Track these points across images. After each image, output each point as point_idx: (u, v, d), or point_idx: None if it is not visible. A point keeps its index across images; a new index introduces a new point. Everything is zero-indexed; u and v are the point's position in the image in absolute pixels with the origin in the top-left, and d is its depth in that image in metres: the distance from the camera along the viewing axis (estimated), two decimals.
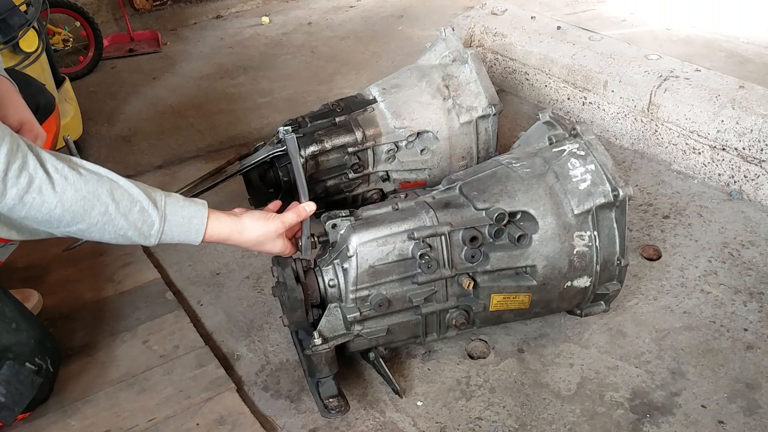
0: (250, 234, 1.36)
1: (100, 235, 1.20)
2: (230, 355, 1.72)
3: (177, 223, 1.25)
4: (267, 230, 1.37)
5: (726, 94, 2.19)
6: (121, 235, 1.20)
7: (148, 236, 1.23)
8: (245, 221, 1.35)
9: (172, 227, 1.25)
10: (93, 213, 1.16)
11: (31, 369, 1.42)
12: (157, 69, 3.64)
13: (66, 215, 1.14)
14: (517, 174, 1.53)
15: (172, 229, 1.25)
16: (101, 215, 1.17)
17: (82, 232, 1.18)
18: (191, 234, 1.28)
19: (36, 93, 1.66)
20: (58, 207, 1.13)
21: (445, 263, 1.47)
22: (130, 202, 1.20)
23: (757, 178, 2.11)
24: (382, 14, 4.24)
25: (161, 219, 1.23)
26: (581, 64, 2.60)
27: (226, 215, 1.34)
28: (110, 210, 1.17)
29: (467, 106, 2.05)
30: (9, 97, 1.46)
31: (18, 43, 2.20)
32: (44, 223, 1.15)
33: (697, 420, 1.45)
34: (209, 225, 1.29)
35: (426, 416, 1.50)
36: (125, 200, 1.19)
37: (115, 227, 1.19)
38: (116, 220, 1.18)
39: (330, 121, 2.04)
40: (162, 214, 1.23)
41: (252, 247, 1.40)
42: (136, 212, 1.20)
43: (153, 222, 1.22)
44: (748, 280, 1.83)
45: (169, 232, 1.25)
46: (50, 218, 1.14)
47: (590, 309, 1.65)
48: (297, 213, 1.43)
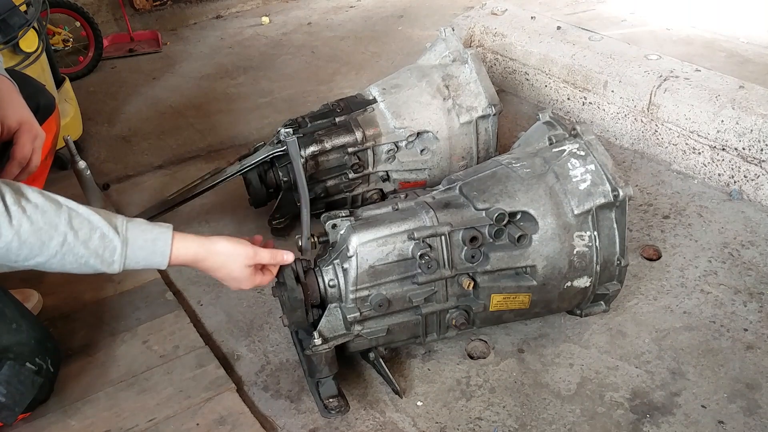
0: (219, 254, 1.30)
1: (61, 265, 1.16)
2: (230, 355, 1.72)
3: (140, 247, 1.22)
4: (237, 252, 1.31)
5: (726, 94, 2.19)
6: (82, 263, 1.17)
7: (111, 263, 1.19)
8: (215, 240, 1.30)
9: (135, 251, 1.21)
10: (51, 244, 1.13)
11: (32, 369, 1.42)
12: (157, 69, 3.64)
13: (23, 249, 1.11)
14: (517, 174, 1.53)
15: (135, 253, 1.21)
16: (59, 245, 1.14)
17: (42, 265, 1.15)
18: (155, 257, 1.23)
19: (36, 93, 1.66)
20: (15, 240, 1.10)
21: (445, 263, 1.47)
22: (90, 229, 1.17)
23: (757, 178, 2.11)
24: (382, 14, 4.24)
25: (123, 243, 1.19)
26: (581, 64, 2.60)
27: (193, 236, 1.29)
28: (69, 239, 1.14)
29: (467, 106, 2.05)
30: (9, 96, 1.46)
31: (18, 43, 2.20)
32: (2, 257, 1.12)
33: (697, 420, 1.45)
34: (174, 246, 1.24)
35: (426, 416, 1.50)
36: (84, 228, 1.16)
37: (75, 256, 1.16)
38: (76, 249, 1.15)
39: (330, 121, 2.04)
40: (123, 239, 1.19)
41: (220, 274, 1.33)
42: (96, 239, 1.17)
43: (115, 247, 1.19)
44: (748, 280, 1.83)
45: (133, 256, 1.21)
46: (8, 252, 1.11)
47: (590, 309, 1.65)
48: (273, 255, 1.37)
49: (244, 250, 1.31)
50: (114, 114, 3.13)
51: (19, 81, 1.53)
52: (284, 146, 1.97)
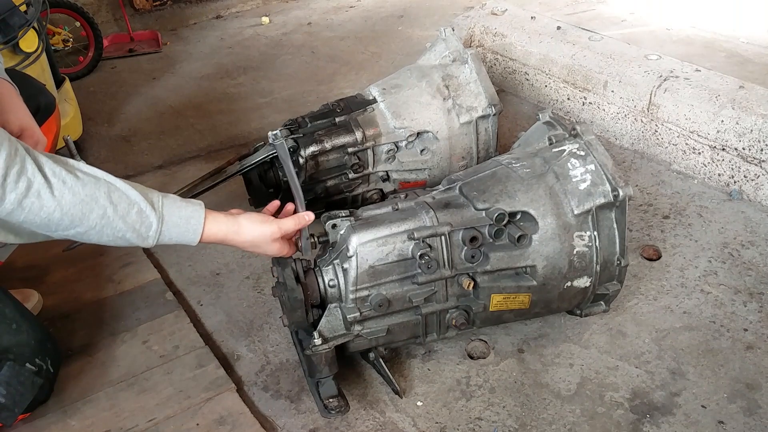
0: (246, 235, 1.36)
1: (98, 238, 1.20)
2: (230, 355, 1.72)
3: (174, 224, 1.26)
4: (263, 233, 1.37)
5: (726, 95, 2.19)
6: (119, 237, 1.20)
7: (146, 237, 1.23)
8: (242, 222, 1.35)
9: (170, 228, 1.25)
10: (91, 216, 1.16)
11: (32, 370, 1.42)
12: (157, 69, 3.65)
13: (64, 219, 1.14)
14: (517, 174, 1.53)
15: (170, 230, 1.25)
16: (99, 218, 1.17)
17: (80, 235, 1.18)
18: (188, 234, 1.28)
19: (36, 94, 1.66)
20: (57, 211, 1.13)
21: (445, 263, 1.47)
22: (128, 204, 1.20)
23: (757, 178, 2.11)
24: (382, 14, 4.24)
25: (159, 220, 1.23)
26: (581, 64, 2.60)
27: (223, 215, 1.34)
28: (108, 213, 1.17)
29: (467, 106, 2.05)
30: (10, 101, 1.46)
31: (18, 43, 2.20)
32: (42, 227, 1.15)
33: (697, 420, 1.45)
34: (206, 225, 1.29)
35: (426, 416, 1.50)
36: (123, 202, 1.19)
37: (113, 230, 1.19)
38: (114, 223, 1.18)
39: (330, 121, 2.04)
40: (160, 216, 1.23)
41: (248, 249, 1.41)
42: (134, 214, 1.20)
43: (151, 223, 1.22)
44: (748, 281, 1.83)
45: (167, 233, 1.25)
46: (49, 222, 1.14)
47: (590, 309, 1.65)
48: (296, 221, 1.43)
49: (269, 229, 1.37)
50: (114, 114, 3.13)
51: (19, 81, 1.53)
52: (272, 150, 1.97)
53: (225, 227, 1.33)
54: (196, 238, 1.29)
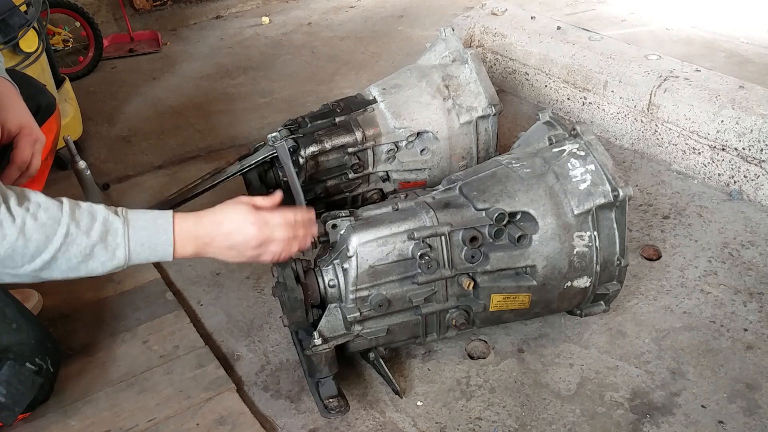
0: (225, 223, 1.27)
1: (67, 263, 1.16)
2: (230, 355, 1.72)
3: (142, 226, 1.21)
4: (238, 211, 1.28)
5: (726, 95, 2.19)
6: (87, 254, 1.16)
7: (115, 247, 1.18)
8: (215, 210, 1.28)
9: (138, 231, 1.20)
10: (55, 238, 1.13)
11: (32, 369, 1.42)
12: (157, 69, 3.64)
13: (29, 246, 1.11)
14: (517, 174, 1.53)
15: (138, 234, 1.20)
16: (63, 237, 1.13)
17: (47, 264, 1.15)
18: (160, 235, 1.22)
19: (36, 94, 1.66)
20: (20, 239, 1.10)
21: (445, 263, 1.47)
22: (90, 219, 1.17)
23: (757, 178, 2.11)
24: (382, 14, 4.24)
25: (124, 224, 1.19)
26: (581, 65, 2.60)
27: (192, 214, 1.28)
28: (71, 230, 1.14)
29: (467, 106, 2.05)
30: (10, 100, 1.45)
31: (18, 43, 2.20)
32: (7, 261, 1.11)
33: (697, 420, 1.45)
34: (176, 222, 1.23)
35: (426, 416, 1.50)
36: (85, 218, 1.16)
37: (79, 247, 1.15)
38: (79, 239, 1.15)
39: (330, 121, 2.04)
40: (124, 220, 1.19)
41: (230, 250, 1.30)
42: (98, 225, 1.17)
43: (116, 229, 1.18)
44: (748, 281, 1.83)
45: (136, 237, 1.20)
46: (13, 253, 1.10)
47: (590, 309, 1.65)
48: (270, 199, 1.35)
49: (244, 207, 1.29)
50: (114, 114, 3.13)
51: (19, 81, 1.53)
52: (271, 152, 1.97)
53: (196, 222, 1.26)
54: (168, 237, 1.22)
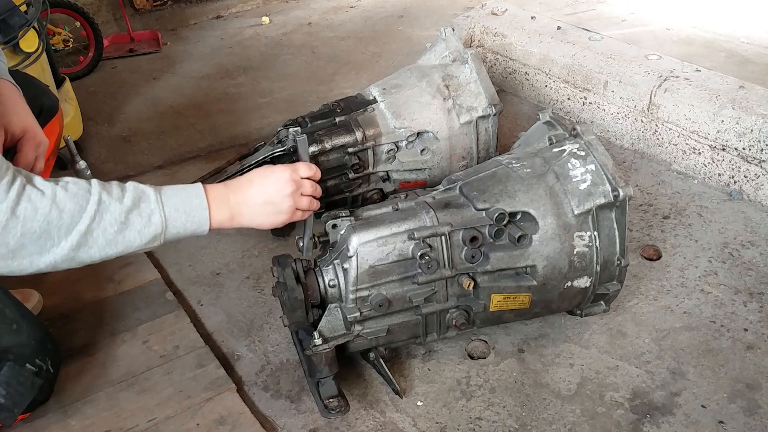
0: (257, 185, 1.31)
1: (103, 231, 1.14)
2: (230, 355, 1.72)
3: (173, 193, 1.22)
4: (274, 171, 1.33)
5: (726, 95, 2.19)
6: (122, 222, 1.15)
7: (150, 214, 1.18)
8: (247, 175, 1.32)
9: (170, 197, 1.21)
10: (88, 206, 1.12)
11: (32, 370, 1.41)
12: (157, 69, 3.64)
13: (64, 217, 1.10)
14: (518, 174, 1.53)
15: (170, 200, 1.20)
16: (96, 204, 1.13)
17: (83, 237, 1.13)
18: (192, 199, 1.23)
19: (39, 95, 1.65)
20: (53, 209, 1.09)
21: (446, 263, 1.47)
22: (121, 190, 1.18)
23: (757, 178, 2.11)
24: (382, 14, 4.24)
25: (156, 192, 1.20)
26: (581, 65, 2.60)
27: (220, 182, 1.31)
28: (103, 198, 1.14)
29: (467, 106, 2.05)
30: (13, 102, 1.45)
31: (18, 44, 2.20)
32: (44, 238, 1.10)
33: (697, 420, 1.45)
34: (208, 189, 1.25)
35: (426, 416, 1.50)
36: (115, 189, 1.17)
37: (113, 214, 1.15)
38: (112, 207, 1.15)
39: (330, 121, 2.04)
40: (155, 189, 1.21)
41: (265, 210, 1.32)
42: (129, 194, 1.17)
43: (149, 195, 1.19)
44: (748, 281, 1.83)
45: (169, 202, 1.20)
46: (48, 226, 1.09)
47: (590, 309, 1.65)
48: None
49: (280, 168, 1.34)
50: (114, 114, 3.13)
51: (22, 82, 1.53)
52: (284, 146, 1.97)
53: (226, 186, 1.28)
54: (202, 201, 1.23)
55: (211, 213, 1.24)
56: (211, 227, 1.26)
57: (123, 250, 1.18)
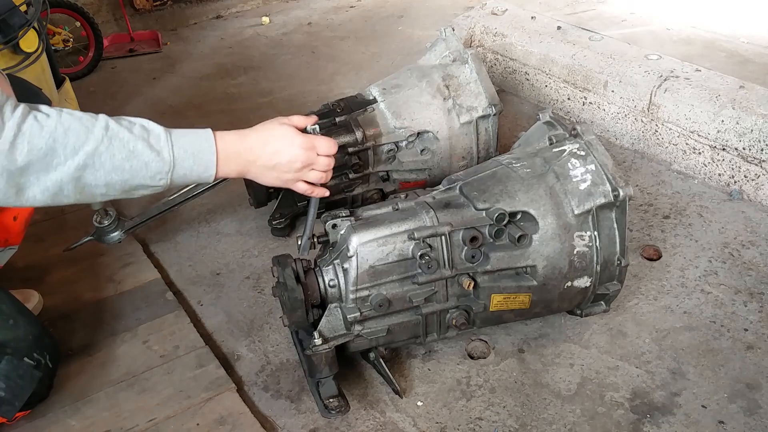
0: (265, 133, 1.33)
1: (110, 155, 1.13)
2: (230, 355, 1.72)
3: (182, 134, 1.21)
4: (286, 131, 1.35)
5: (726, 94, 2.19)
6: (131, 149, 1.15)
7: (159, 150, 1.17)
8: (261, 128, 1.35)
9: (179, 137, 1.20)
10: (95, 129, 1.12)
11: (30, 364, 1.42)
12: (157, 69, 3.64)
13: (69, 135, 1.10)
14: (518, 174, 1.53)
15: (179, 140, 1.20)
16: (104, 129, 1.13)
17: (90, 157, 1.12)
18: (202, 142, 1.22)
19: (30, 97, 1.63)
20: (59, 127, 1.09)
21: (446, 263, 1.47)
22: (129, 122, 1.18)
23: (757, 178, 2.11)
24: (382, 14, 4.24)
25: (165, 130, 1.20)
26: (581, 64, 2.60)
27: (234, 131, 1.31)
28: (111, 125, 1.14)
29: (467, 106, 2.05)
30: None
31: (18, 43, 2.20)
32: (50, 155, 1.09)
33: (697, 420, 1.45)
34: (217, 136, 1.25)
35: (426, 416, 1.50)
36: (123, 121, 1.17)
37: (121, 141, 1.14)
38: (120, 134, 1.14)
39: (330, 121, 2.04)
40: (164, 128, 1.20)
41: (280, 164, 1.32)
42: (138, 127, 1.17)
43: (158, 133, 1.18)
44: (748, 280, 1.83)
45: (178, 142, 1.20)
46: (54, 144, 1.09)
47: (590, 309, 1.65)
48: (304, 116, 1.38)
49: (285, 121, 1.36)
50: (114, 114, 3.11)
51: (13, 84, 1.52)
52: None
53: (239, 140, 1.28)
54: (211, 145, 1.23)
55: (218, 162, 1.25)
56: (216, 177, 1.26)
57: (130, 178, 1.17)
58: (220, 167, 1.25)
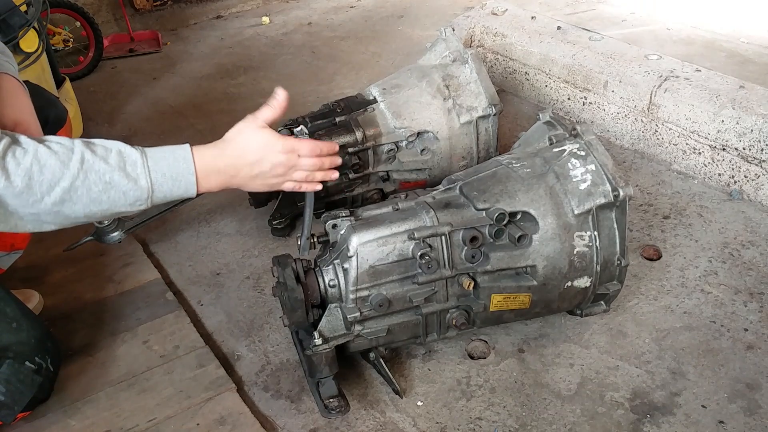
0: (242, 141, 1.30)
1: (87, 189, 1.13)
2: (230, 355, 1.72)
3: (161, 157, 1.20)
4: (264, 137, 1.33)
5: (726, 94, 2.19)
6: (107, 181, 1.14)
7: (136, 177, 1.16)
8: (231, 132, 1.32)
9: (157, 161, 1.19)
10: (71, 163, 1.11)
11: (31, 368, 1.42)
12: (158, 69, 3.64)
13: (45, 172, 1.09)
14: (518, 174, 1.53)
15: (158, 164, 1.18)
16: (80, 162, 1.12)
17: (67, 193, 1.12)
18: (180, 164, 1.20)
19: (46, 106, 1.63)
20: (35, 164, 1.09)
21: (446, 263, 1.47)
22: (105, 149, 1.16)
23: (757, 178, 2.11)
24: (383, 14, 4.24)
25: (142, 154, 1.18)
26: (581, 64, 2.60)
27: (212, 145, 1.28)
28: (87, 157, 1.13)
29: (467, 106, 2.05)
30: (11, 95, 1.44)
31: (18, 44, 2.19)
32: (26, 193, 1.09)
33: (697, 420, 1.45)
34: (196, 154, 1.22)
35: (426, 416, 1.50)
36: (99, 148, 1.16)
37: (98, 174, 1.13)
38: (96, 165, 1.14)
39: (330, 121, 2.04)
40: (141, 151, 1.19)
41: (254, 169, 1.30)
42: (114, 155, 1.16)
43: (135, 159, 1.17)
44: (748, 280, 1.83)
45: (156, 167, 1.18)
46: (30, 181, 1.09)
47: (590, 309, 1.65)
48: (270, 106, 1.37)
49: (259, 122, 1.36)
50: (114, 114, 3.13)
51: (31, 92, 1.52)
52: None
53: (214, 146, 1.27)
54: (189, 166, 1.21)
55: (198, 180, 1.23)
56: (198, 193, 1.25)
57: (108, 207, 1.17)
58: (201, 185, 1.24)
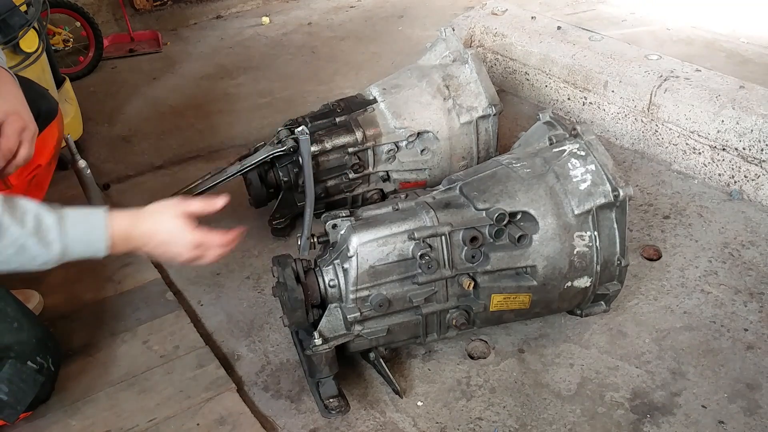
0: (157, 221, 1.30)
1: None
2: (230, 355, 1.72)
3: (78, 221, 1.22)
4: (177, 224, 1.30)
5: (726, 95, 2.19)
6: (20, 245, 1.16)
7: (49, 242, 1.18)
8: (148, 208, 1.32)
9: (73, 228, 1.21)
10: None
11: (33, 368, 1.42)
12: (157, 69, 3.64)
13: None
14: (518, 174, 1.53)
15: (73, 230, 1.21)
16: None
17: None
18: (94, 231, 1.23)
19: (37, 98, 1.63)
20: None
21: (446, 263, 1.47)
22: (23, 212, 1.17)
23: (757, 178, 2.11)
24: (382, 14, 4.24)
25: (58, 219, 1.20)
26: (581, 65, 2.60)
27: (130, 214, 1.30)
28: (4, 221, 1.14)
29: (467, 106, 2.05)
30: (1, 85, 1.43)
31: (18, 44, 2.19)
32: None
33: (697, 420, 1.45)
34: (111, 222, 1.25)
35: (426, 416, 1.50)
36: (18, 210, 1.17)
37: (11, 238, 1.15)
38: (11, 229, 1.15)
39: (330, 121, 2.04)
40: (59, 215, 1.21)
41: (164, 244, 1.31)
42: (31, 218, 1.17)
43: (49, 226, 1.19)
44: (748, 281, 1.83)
45: (71, 233, 1.21)
46: None
47: (590, 309, 1.65)
48: (204, 202, 1.36)
49: (178, 207, 1.32)
50: (114, 114, 3.12)
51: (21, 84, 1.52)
52: (284, 146, 1.97)
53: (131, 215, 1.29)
54: (101, 234, 1.23)
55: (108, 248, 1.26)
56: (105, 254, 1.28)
57: (16, 268, 1.20)
58: (110, 249, 1.27)
